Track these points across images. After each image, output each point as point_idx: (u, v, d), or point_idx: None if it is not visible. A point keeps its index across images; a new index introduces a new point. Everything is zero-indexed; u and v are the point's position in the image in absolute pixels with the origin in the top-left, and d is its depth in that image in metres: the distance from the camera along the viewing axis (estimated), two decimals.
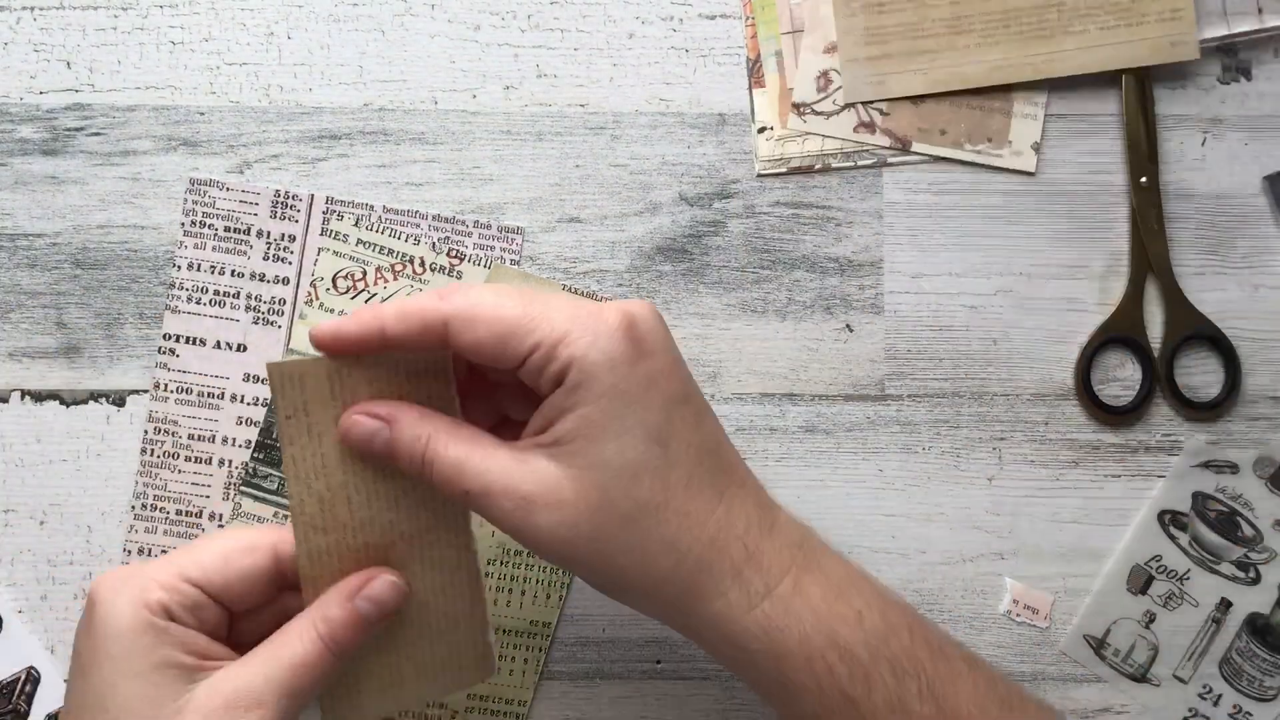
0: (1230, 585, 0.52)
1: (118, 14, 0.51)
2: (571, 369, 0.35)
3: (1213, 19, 0.52)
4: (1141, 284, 0.52)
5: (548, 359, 0.36)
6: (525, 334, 0.36)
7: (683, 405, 0.37)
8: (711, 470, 0.37)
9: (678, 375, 0.37)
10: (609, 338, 0.36)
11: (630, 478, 0.36)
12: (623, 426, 0.36)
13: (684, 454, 0.37)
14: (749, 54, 0.53)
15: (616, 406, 0.36)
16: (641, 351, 0.36)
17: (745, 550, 0.37)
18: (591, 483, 0.36)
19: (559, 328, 0.36)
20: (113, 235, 0.51)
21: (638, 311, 0.37)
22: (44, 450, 0.50)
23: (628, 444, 0.36)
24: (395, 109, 0.52)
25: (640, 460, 0.36)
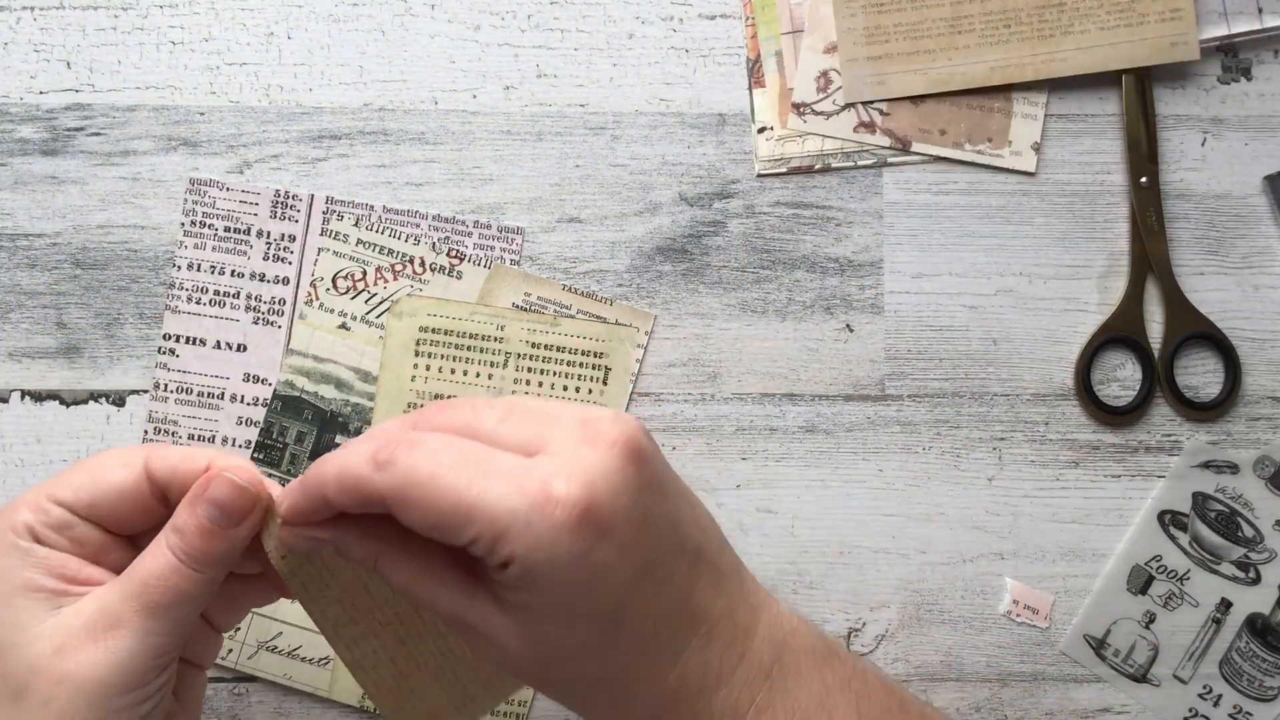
0: (1230, 585, 0.52)
1: (118, 14, 0.51)
2: (512, 566, 0.32)
3: (1213, 19, 0.52)
4: (1141, 284, 0.52)
5: (488, 551, 0.32)
6: (461, 527, 0.32)
7: (643, 578, 0.34)
8: (670, 635, 0.35)
9: (641, 544, 0.33)
10: (553, 538, 0.32)
11: (575, 658, 0.34)
12: (570, 617, 0.33)
13: (638, 631, 0.34)
14: (749, 54, 0.53)
15: (561, 604, 0.33)
16: (595, 540, 0.32)
17: (693, 711, 0.35)
18: (534, 651, 0.34)
19: (500, 524, 0.31)
20: (113, 235, 0.51)
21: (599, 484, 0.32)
22: (44, 450, 0.50)
23: (572, 634, 0.33)
24: (395, 109, 0.52)
25: (585, 646, 0.34)
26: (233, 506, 0.36)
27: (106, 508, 0.36)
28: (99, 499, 0.36)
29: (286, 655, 0.50)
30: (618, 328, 0.51)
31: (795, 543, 0.51)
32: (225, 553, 0.36)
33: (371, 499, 0.33)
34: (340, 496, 0.33)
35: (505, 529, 0.32)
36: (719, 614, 0.36)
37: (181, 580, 0.35)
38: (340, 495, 0.33)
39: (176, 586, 0.35)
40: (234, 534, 0.36)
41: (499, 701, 0.42)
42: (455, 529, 0.32)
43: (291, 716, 0.50)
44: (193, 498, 0.36)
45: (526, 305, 0.51)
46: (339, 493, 0.33)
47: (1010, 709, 0.52)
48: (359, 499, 0.33)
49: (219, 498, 0.35)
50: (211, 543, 0.35)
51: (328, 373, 0.50)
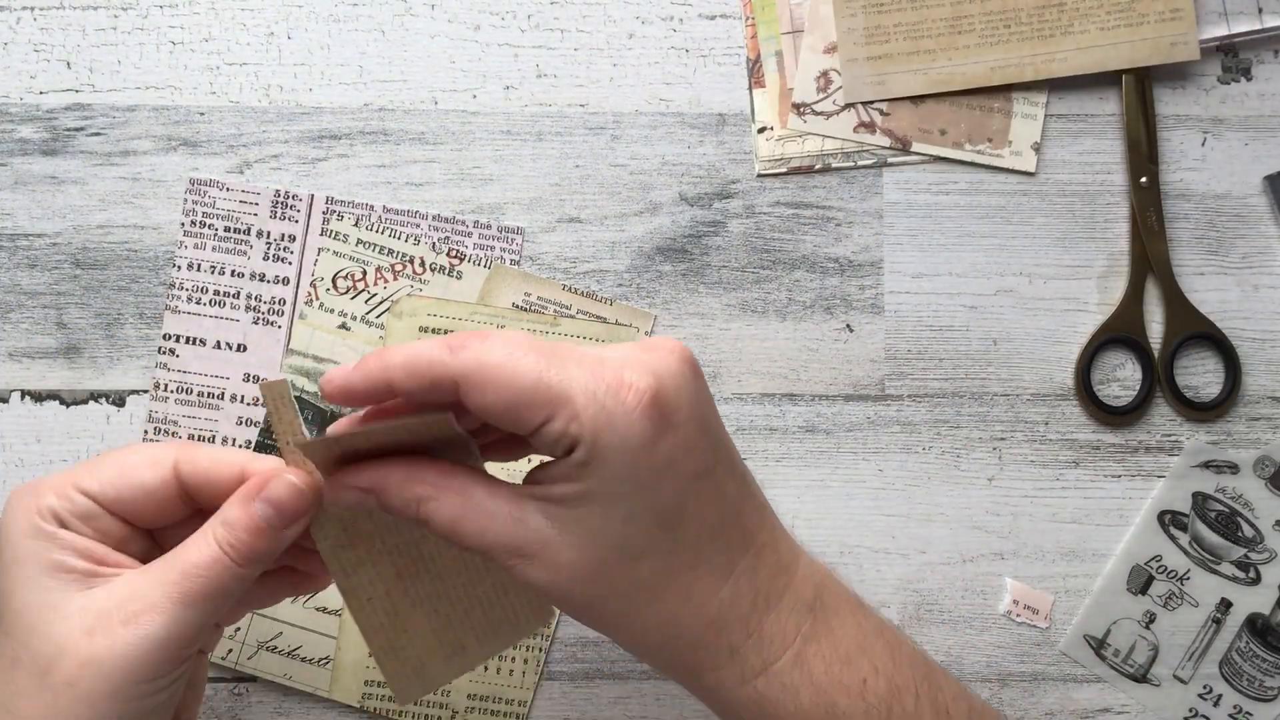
0: (1230, 585, 0.52)
1: (118, 14, 0.51)
2: (580, 446, 0.33)
3: (1213, 19, 0.52)
4: (1141, 284, 0.52)
5: (559, 433, 0.33)
6: (538, 405, 0.33)
7: (702, 480, 0.35)
8: (724, 546, 0.36)
9: (701, 446, 0.35)
10: (627, 420, 0.33)
11: (631, 559, 0.34)
12: (630, 510, 0.34)
13: (694, 535, 0.35)
14: (749, 54, 0.53)
15: (626, 489, 0.33)
16: (663, 429, 0.34)
17: (745, 630, 0.36)
18: (589, 555, 0.34)
19: (575, 403, 0.33)
20: (113, 235, 0.51)
21: (666, 379, 0.34)
22: (44, 450, 0.50)
23: (633, 528, 0.34)
24: (395, 109, 0.52)
25: (644, 544, 0.34)
26: (288, 507, 0.36)
27: (131, 503, 0.37)
28: (125, 494, 0.37)
29: (286, 655, 0.50)
30: (618, 328, 0.51)
31: None
32: (270, 551, 0.36)
33: (442, 380, 0.33)
34: (407, 379, 0.34)
35: (581, 409, 0.32)
36: (764, 541, 0.37)
37: (223, 573, 0.35)
38: (408, 378, 0.34)
39: (216, 578, 0.35)
40: (284, 534, 0.36)
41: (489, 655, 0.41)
42: (532, 407, 0.33)
43: (291, 716, 0.50)
44: (246, 494, 0.36)
45: (526, 305, 0.51)
46: (407, 375, 0.34)
47: (1010, 709, 0.51)
48: (428, 380, 0.33)
49: (277, 497, 0.36)
50: (260, 540, 0.36)
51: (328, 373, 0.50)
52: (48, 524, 0.35)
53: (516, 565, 0.34)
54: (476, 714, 0.50)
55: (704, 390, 0.36)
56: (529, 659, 0.51)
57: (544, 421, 0.33)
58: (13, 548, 0.35)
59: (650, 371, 0.34)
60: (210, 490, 0.37)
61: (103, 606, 0.34)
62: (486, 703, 0.50)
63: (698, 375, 0.35)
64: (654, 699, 0.51)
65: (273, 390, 0.36)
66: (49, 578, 0.35)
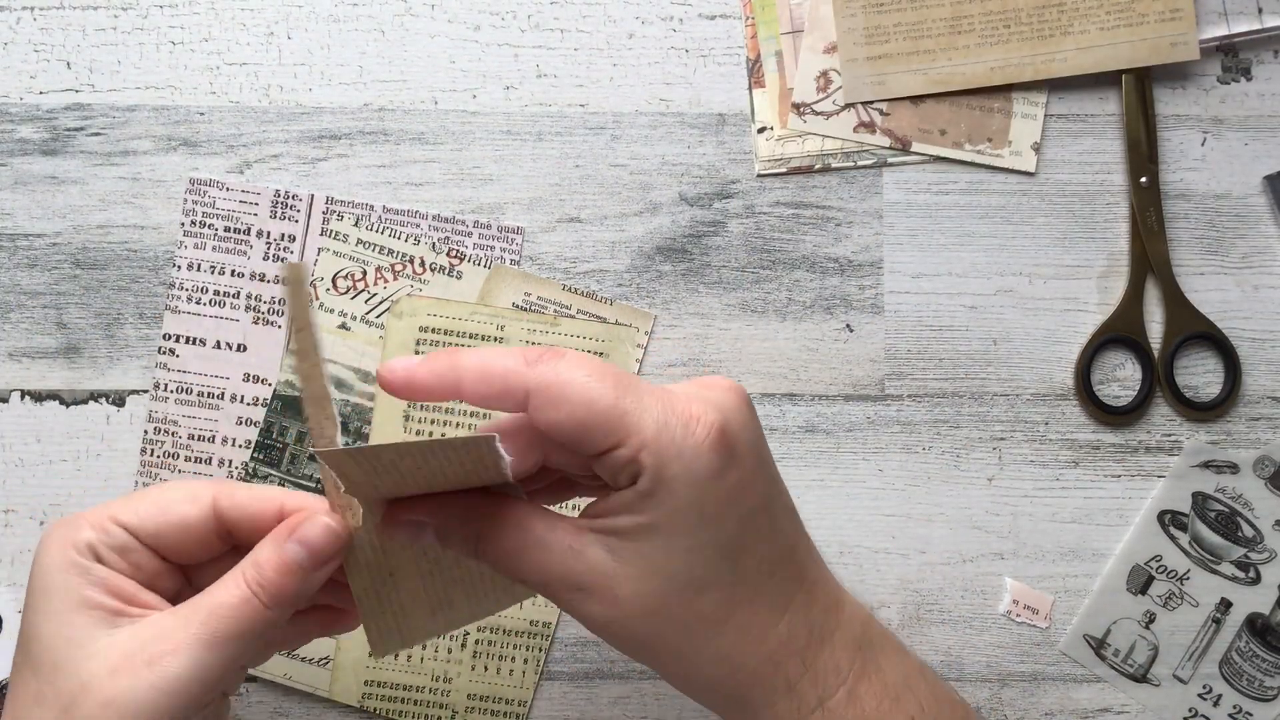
0: (1230, 585, 0.52)
1: (118, 14, 0.51)
2: (645, 475, 0.33)
3: (1213, 19, 0.52)
4: (1141, 284, 0.52)
5: (627, 460, 0.33)
6: (610, 430, 0.33)
7: (760, 514, 0.35)
8: (781, 580, 0.36)
9: (760, 480, 0.35)
10: (695, 454, 0.33)
11: (695, 592, 0.34)
12: (695, 542, 0.34)
13: (754, 568, 0.35)
14: (749, 54, 0.53)
15: (691, 522, 0.34)
16: (729, 463, 0.34)
17: (802, 665, 0.36)
18: (651, 588, 0.34)
19: (647, 432, 0.33)
20: (113, 235, 0.51)
21: (731, 415, 0.35)
22: (44, 450, 0.50)
23: (697, 559, 0.34)
24: (395, 109, 0.52)
25: (708, 576, 0.34)
26: (321, 549, 0.35)
27: (168, 538, 0.37)
28: (164, 530, 0.36)
29: (286, 655, 0.50)
30: (618, 328, 0.51)
31: None
32: (299, 593, 0.36)
33: (515, 391, 0.34)
34: (478, 383, 0.34)
35: (651, 439, 0.33)
36: (814, 577, 0.37)
37: (250, 613, 0.35)
38: (479, 381, 0.34)
39: (244, 620, 0.35)
40: (314, 576, 0.36)
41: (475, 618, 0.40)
42: (604, 430, 0.33)
43: (291, 716, 0.50)
44: (280, 535, 0.36)
45: (526, 305, 0.51)
46: (479, 378, 0.34)
47: (1010, 709, 0.52)
48: (500, 388, 0.34)
49: (309, 539, 0.35)
50: (290, 581, 0.35)
51: (327, 373, 0.50)
52: (82, 558, 0.35)
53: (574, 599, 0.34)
54: (476, 714, 0.50)
55: (759, 427, 0.36)
56: (529, 659, 0.51)
57: (613, 446, 0.33)
58: (45, 580, 0.35)
59: (715, 406, 0.34)
60: (248, 527, 0.37)
61: (128, 646, 0.34)
62: (486, 703, 0.50)
63: (754, 412, 0.36)
64: (654, 699, 0.51)
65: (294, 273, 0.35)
66: (77, 614, 0.35)
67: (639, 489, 0.33)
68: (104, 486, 0.50)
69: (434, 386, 0.35)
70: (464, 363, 0.34)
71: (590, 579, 0.34)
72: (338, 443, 0.36)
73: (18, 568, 0.50)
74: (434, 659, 0.50)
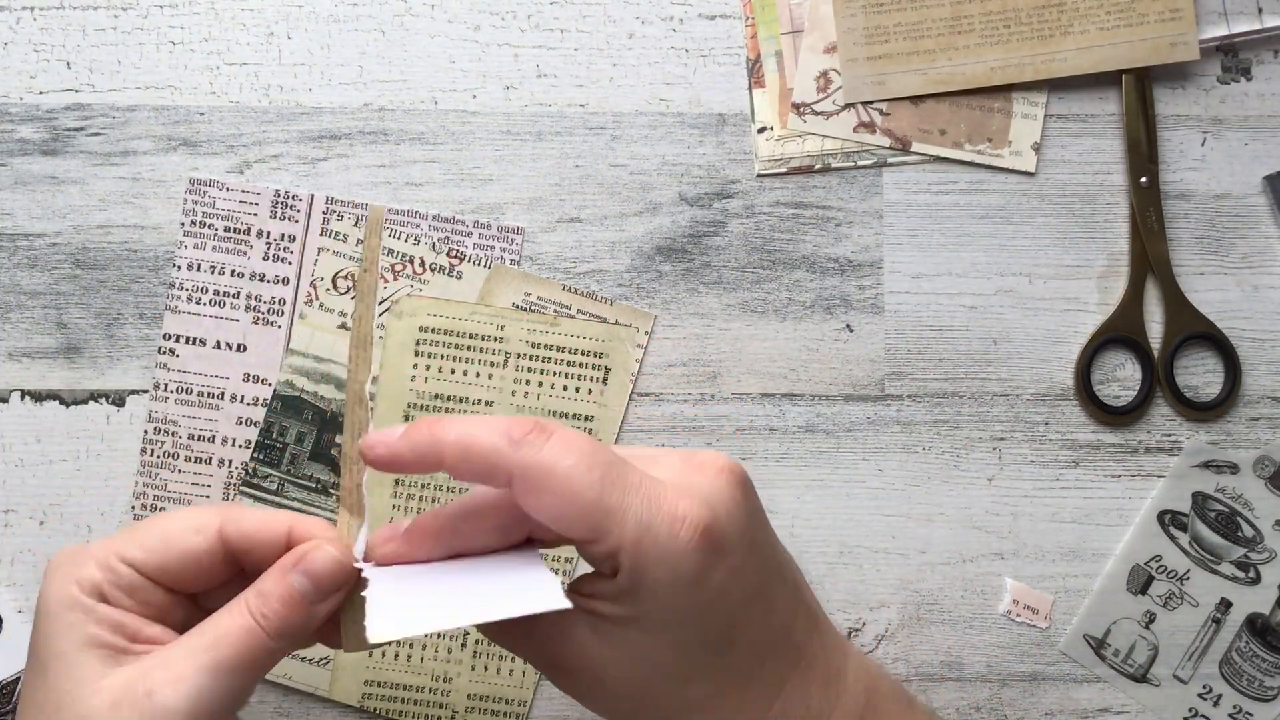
0: (1230, 585, 0.52)
1: (118, 14, 0.51)
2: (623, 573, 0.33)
3: (1213, 19, 0.52)
4: (1141, 284, 0.52)
5: (608, 555, 0.33)
6: (592, 527, 0.32)
7: (752, 604, 0.35)
8: (775, 665, 0.35)
9: (751, 569, 0.35)
10: (679, 554, 0.32)
11: (680, 683, 0.34)
12: (679, 638, 0.34)
13: (745, 656, 0.35)
14: (749, 54, 0.53)
15: (672, 619, 0.33)
16: (715, 560, 0.33)
17: None
18: (637, 675, 0.34)
19: (628, 534, 0.32)
20: (113, 235, 0.51)
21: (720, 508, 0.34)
22: (44, 450, 0.50)
23: (681, 655, 0.34)
24: (395, 109, 0.52)
25: (692, 670, 0.34)
26: (326, 581, 0.35)
27: (176, 571, 0.36)
28: (170, 562, 0.36)
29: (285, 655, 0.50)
30: (618, 328, 0.51)
31: (795, 543, 0.51)
32: (303, 624, 0.35)
33: (497, 472, 0.33)
34: (460, 461, 0.33)
35: (631, 541, 0.32)
36: (814, 652, 0.36)
37: (254, 644, 0.34)
38: (461, 460, 0.33)
39: (247, 649, 0.34)
40: (318, 608, 0.35)
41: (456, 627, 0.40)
42: (584, 525, 0.32)
43: (291, 716, 0.50)
44: (285, 566, 0.35)
45: (526, 305, 0.51)
46: (460, 457, 0.33)
47: (1010, 709, 0.52)
48: (481, 468, 0.33)
49: (314, 570, 0.35)
50: (294, 612, 0.35)
51: (328, 373, 0.50)
52: (86, 596, 0.35)
53: (560, 681, 0.35)
54: (476, 714, 0.50)
55: (755, 508, 0.35)
56: None
57: (593, 541, 0.33)
58: (49, 619, 0.35)
59: (703, 500, 0.33)
60: (256, 555, 0.36)
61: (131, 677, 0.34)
62: (486, 703, 0.50)
63: (749, 493, 0.35)
64: None
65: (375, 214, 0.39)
66: (82, 652, 0.34)
67: (619, 583, 0.33)
68: (104, 486, 0.50)
69: (415, 462, 0.34)
70: (446, 437, 0.33)
71: (576, 662, 0.34)
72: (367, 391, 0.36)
73: (18, 568, 0.50)
74: (434, 659, 0.50)
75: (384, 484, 0.50)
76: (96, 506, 0.50)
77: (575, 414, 0.51)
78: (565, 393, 0.51)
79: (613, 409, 0.51)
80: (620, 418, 0.51)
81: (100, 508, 0.50)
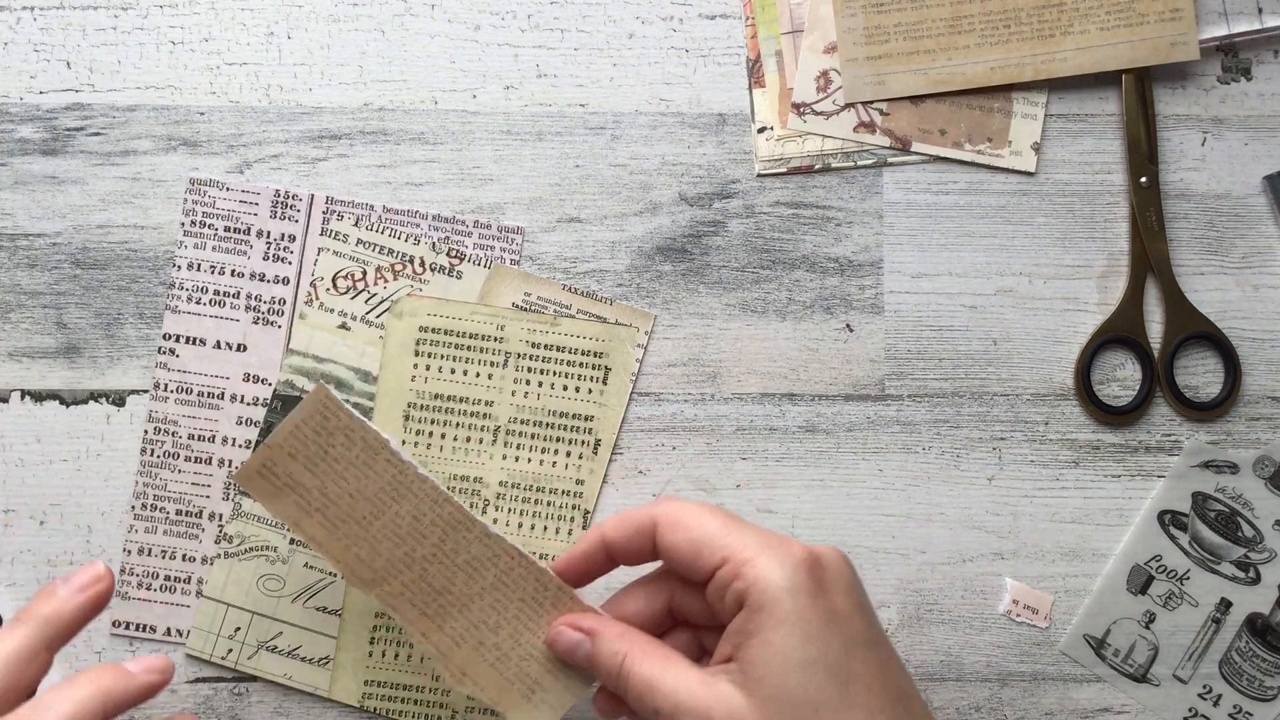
0: (1230, 585, 0.52)
1: (118, 14, 0.51)
2: (753, 590, 0.37)
3: (1213, 19, 0.52)
4: (1141, 284, 0.52)
5: (733, 575, 0.38)
6: (717, 548, 0.39)
7: (866, 649, 0.38)
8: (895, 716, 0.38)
9: (861, 618, 0.38)
10: (793, 567, 0.38)
11: (811, 712, 0.36)
12: (805, 659, 0.37)
13: (864, 695, 0.37)
14: (749, 54, 0.53)
15: (798, 637, 0.37)
16: (823, 588, 0.38)
17: None
18: (773, 713, 0.37)
19: (749, 549, 0.38)
20: (113, 235, 0.51)
21: (825, 552, 0.39)
22: (44, 450, 0.50)
23: (809, 678, 0.37)
24: (395, 109, 0.52)
25: (821, 697, 0.37)
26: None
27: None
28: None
29: (286, 655, 0.50)
30: (618, 328, 0.51)
31: None
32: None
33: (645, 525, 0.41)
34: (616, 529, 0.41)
35: (754, 555, 0.38)
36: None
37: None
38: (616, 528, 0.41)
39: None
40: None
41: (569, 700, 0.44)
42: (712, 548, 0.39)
43: (291, 716, 0.50)
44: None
45: (526, 305, 0.51)
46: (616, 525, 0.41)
47: (1010, 709, 0.52)
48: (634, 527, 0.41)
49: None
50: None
51: (328, 373, 0.50)
52: None
53: None
54: (476, 714, 0.50)
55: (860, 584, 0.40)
56: None
57: (720, 563, 0.39)
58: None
59: (809, 547, 0.39)
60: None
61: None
62: None
63: (853, 570, 0.40)
64: None
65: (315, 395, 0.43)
66: None
67: (749, 606, 0.38)
68: (104, 486, 0.50)
69: (586, 551, 0.42)
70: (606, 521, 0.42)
71: (720, 711, 0.37)
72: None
73: (18, 568, 0.50)
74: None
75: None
76: (96, 506, 0.50)
77: (575, 414, 0.51)
78: (565, 393, 0.51)
79: (613, 409, 0.51)
80: (620, 418, 0.51)
81: (100, 508, 0.50)
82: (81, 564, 0.50)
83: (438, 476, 0.50)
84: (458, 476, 0.50)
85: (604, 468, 0.51)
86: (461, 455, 0.50)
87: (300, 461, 0.43)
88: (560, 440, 0.51)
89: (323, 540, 0.43)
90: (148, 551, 0.50)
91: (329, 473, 0.43)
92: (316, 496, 0.43)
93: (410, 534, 0.43)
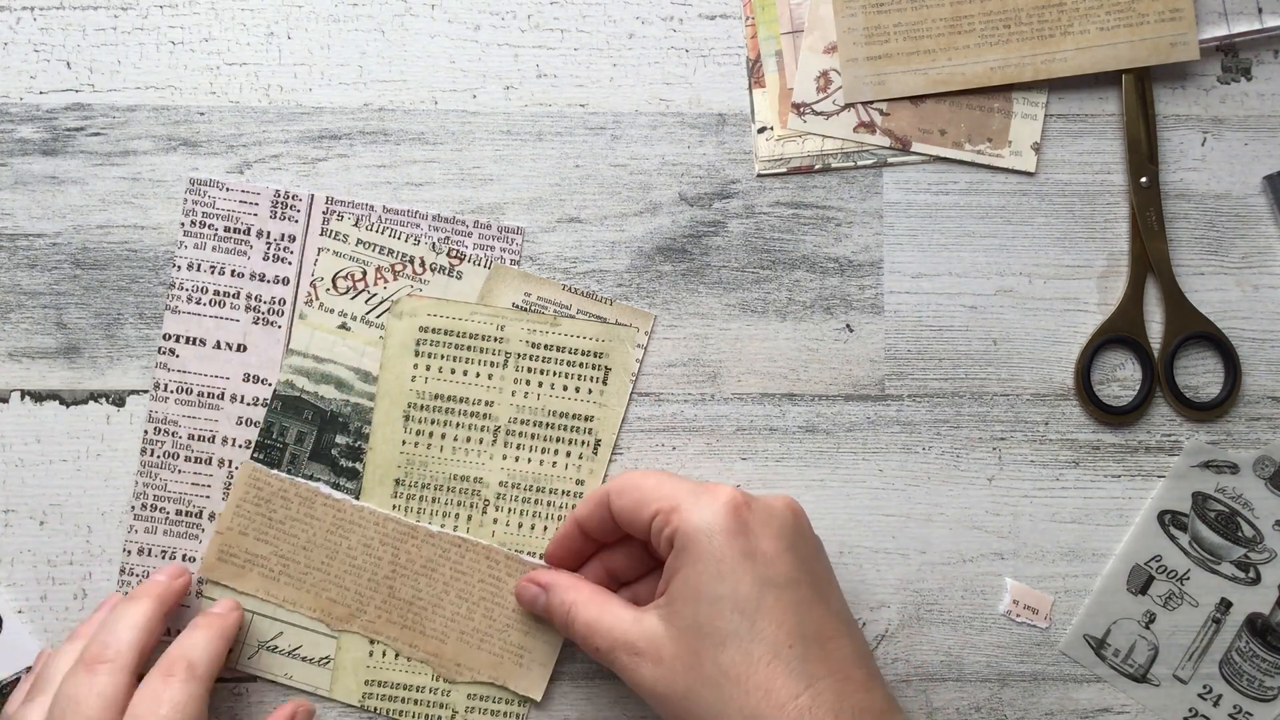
0: (1230, 585, 0.52)
1: (118, 14, 0.51)
2: (678, 534, 0.42)
3: (1213, 19, 0.52)
4: (1141, 284, 0.52)
5: (664, 523, 0.42)
6: (652, 500, 0.43)
7: (783, 589, 0.41)
8: (802, 655, 0.40)
9: (786, 561, 0.41)
10: (712, 510, 0.41)
11: (716, 644, 0.40)
12: (715, 594, 0.40)
13: (771, 632, 0.40)
14: (749, 54, 0.53)
15: (711, 573, 0.40)
16: (745, 528, 0.41)
17: None
18: (686, 644, 0.40)
19: (678, 497, 0.42)
20: (113, 235, 0.51)
21: (765, 499, 0.43)
22: (44, 450, 0.50)
23: (718, 611, 0.40)
24: (395, 109, 0.52)
25: (728, 629, 0.40)
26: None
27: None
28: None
29: (286, 655, 0.50)
30: (618, 328, 0.51)
31: None
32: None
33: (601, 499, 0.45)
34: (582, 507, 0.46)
35: (679, 504, 0.42)
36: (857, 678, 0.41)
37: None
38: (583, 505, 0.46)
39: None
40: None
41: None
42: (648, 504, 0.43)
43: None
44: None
45: (526, 305, 0.51)
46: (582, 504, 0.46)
47: (1010, 709, 0.52)
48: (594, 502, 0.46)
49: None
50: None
51: (328, 373, 0.50)
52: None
53: (631, 662, 0.41)
54: (477, 714, 0.50)
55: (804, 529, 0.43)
56: None
57: (653, 515, 0.43)
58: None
59: (744, 493, 0.43)
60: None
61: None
62: (486, 702, 0.50)
63: (798, 515, 0.43)
64: None
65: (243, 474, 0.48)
66: None
67: (675, 548, 0.42)
68: (104, 486, 0.50)
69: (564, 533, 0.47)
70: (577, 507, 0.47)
71: (644, 643, 0.41)
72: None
73: (18, 568, 0.50)
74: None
75: (385, 484, 0.50)
76: (96, 506, 0.50)
77: (575, 414, 0.51)
78: (565, 393, 0.51)
79: (613, 409, 0.51)
80: (620, 418, 0.51)
81: (100, 508, 0.50)
82: (81, 564, 0.50)
83: (438, 476, 0.50)
84: (458, 477, 0.50)
85: (604, 468, 0.51)
86: (461, 455, 0.50)
87: (251, 536, 0.49)
88: (560, 440, 0.51)
89: (295, 599, 0.49)
90: (147, 551, 0.50)
91: (279, 536, 0.49)
92: (275, 562, 0.49)
93: (366, 561, 0.49)
